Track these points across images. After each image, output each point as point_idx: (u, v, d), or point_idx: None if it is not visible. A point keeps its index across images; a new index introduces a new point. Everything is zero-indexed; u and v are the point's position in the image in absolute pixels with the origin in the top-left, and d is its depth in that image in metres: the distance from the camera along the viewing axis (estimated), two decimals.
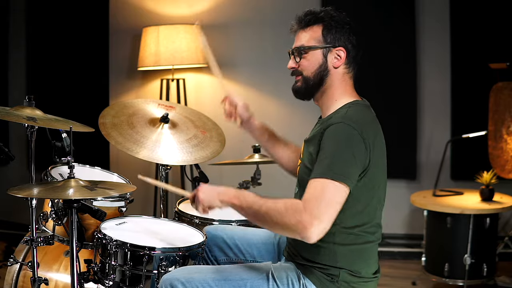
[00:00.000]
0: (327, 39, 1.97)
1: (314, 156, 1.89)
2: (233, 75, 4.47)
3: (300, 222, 1.72)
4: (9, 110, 2.21)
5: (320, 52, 1.98)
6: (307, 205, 1.73)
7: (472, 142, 3.88)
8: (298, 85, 2.03)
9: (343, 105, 1.98)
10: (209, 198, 1.93)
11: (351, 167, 1.80)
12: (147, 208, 4.49)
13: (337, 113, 1.96)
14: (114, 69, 4.63)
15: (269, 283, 1.93)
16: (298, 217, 1.72)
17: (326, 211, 1.73)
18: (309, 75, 2.00)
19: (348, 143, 1.82)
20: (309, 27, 1.99)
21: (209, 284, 1.91)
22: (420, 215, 3.79)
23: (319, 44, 1.98)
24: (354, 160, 1.81)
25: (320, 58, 1.98)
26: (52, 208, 2.28)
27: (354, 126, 1.83)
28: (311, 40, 1.99)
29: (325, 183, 1.76)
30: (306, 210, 1.72)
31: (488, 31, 4.05)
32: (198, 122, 2.79)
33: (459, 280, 3.47)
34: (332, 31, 1.98)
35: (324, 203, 1.73)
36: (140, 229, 2.30)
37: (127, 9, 4.57)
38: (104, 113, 2.64)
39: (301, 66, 2.01)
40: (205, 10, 4.46)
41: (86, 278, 2.17)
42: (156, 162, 2.60)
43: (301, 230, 1.72)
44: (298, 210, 1.73)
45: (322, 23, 1.98)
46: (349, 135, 1.83)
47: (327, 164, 1.79)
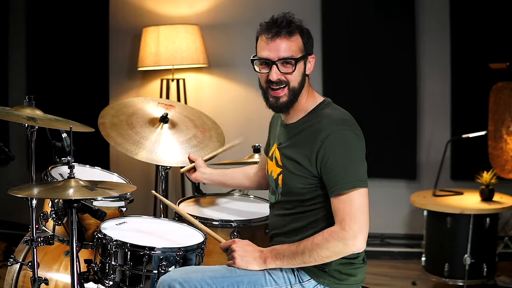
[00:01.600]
0: (306, 47, 1.98)
1: (304, 164, 1.93)
2: (233, 75, 4.47)
3: (346, 243, 1.83)
4: (9, 110, 2.21)
5: (303, 61, 1.98)
6: (344, 225, 1.83)
7: (472, 142, 3.89)
8: (284, 100, 1.98)
9: (315, 108, 2.00)
10: (245, 262, 1.96)
11: (364, 169, 1.90)
12: (147, 208, 4.49)
13: (317, 118, 1.96)
14: (114, 69, 4.63)
15: (266, 277, 1.96)
16: (342, 240, 1.83)
17: (361, 220, 1.83)
18: (296, 86, 1.98)
19: (354, 148, 1.90)
20: (293, 36, 1.96)
21: (207, 283, 1.92)
22: (420, 215, 3.79)
23: (302, 53, 1.97)
24: (362, 161, 1.91)
25: (303, 67, 1.99)
26: (52, 208, 2.28)
27: (351, 129, 1.90)
28: (297, 50, 1.96)
29: (351, 195, 1.84)
30: (346, 229, 1.83)
31: (488, 31, 4.05)
32: (197, 121, 2.79)
33: (459, 280, 3.48)
34: (308, 39, 2.00)
35: (358, 214, 1.83)
36: (140, 229, 2.30)
37: (127, 9, 4.57)
38: (103, 112, 2.64)
39: (289, 77, 1.97)
40: (205, 10, 4.46)
41: (86, 278, 2.17)
42: (156, 163, 2.60)
43: (350, 249, 1.85)
44: (339, 235, 1.83)
45: (301, 32, 1.98)
46: (351, 140, 1.89)
47: (346, 175, 1.86)
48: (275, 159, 2.07)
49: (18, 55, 4.77)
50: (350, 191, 1.84)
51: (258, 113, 4.48)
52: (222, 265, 2.04)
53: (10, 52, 4.79)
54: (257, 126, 4.46)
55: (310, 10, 4.17)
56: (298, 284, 1.97)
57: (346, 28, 4.22)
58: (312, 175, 1.93)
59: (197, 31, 4.22)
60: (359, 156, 1.90)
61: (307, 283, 1.98)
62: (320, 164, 1.90)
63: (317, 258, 1.87)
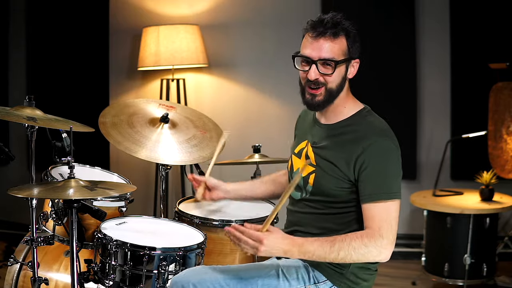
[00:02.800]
0: (351, 51, 1.96)
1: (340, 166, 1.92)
2: (233, 75, 4.47)
3: (380, 251, 1.84)
4: (9, 110, 2.21)
5: (345, 64, 1.96)
6: (382, 232, 1.84)
7: (472, 142, 3.89)
8: (320, 99, 1.97)
9: (358, 113, 2.01)
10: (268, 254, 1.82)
11: (399, 181, 1.93)
12: (147, 208, 4.49)
13: (357, 124, 1.97)
14: (114, 69, 4.63)
15: (280, 278, 1.95)
16: (379, 247, 1.84)
17: (393, 230, 1.86)
18: (333, 87, 1.96)
19: (394, 159, 1.93)
20: (338, 38, 1.93)
21: (221, 284, 1.91)
22: (420, 215, 3.79)
23: (345, 56, 1.95)
24: (400, 173, 1.94)
25: (344, 70, 1.97)
26: (52, 208, 2.28)
27: (392, 140, 1.93)
28: (339, 52, 1.94)
29: (387, 205, 1.87)
30: (383, 236, 1.84)
31: (488, 31, 4.05)
32: (198, 122, 2.79)
33: (459, 280, 3.48)
34: (354, 43, 1.96)
35: (393, 224, 1.86)
36: (140, 229, 2.30)
37: (127, 9, 4.57)
38: (104, 112, 2.64)
39: (327, 78, 1.95)
40: (205, 10, 4.46)
41: (86, 278, 2.17)
42: (155, 161, 2.60)
43: (381, 257, 1.86)
44: (376, 242, 1.84)
45: (347, 34, 1.95)
46: (392, 151, 1.92)
47: (384, 185, 1.88)
48: (305, 157, 2.04)
49: (18, 55, 4.76)
50: (389, 200, 1.87)
51: (258, 113, 4.48)
52: (234, 265, 2.03)
53: (10, 52, 4.79)
54: (257, 126, 4.47)
55: (310, 10, 4.17)
56: (313, 285, 1.97)
57: None
58: (347, 179, 1.92)
59: (197, 31, 4.22)
60: (398, 168, 1.93)
61: (322, 284, 1.97)
62: (358, 170, 1.90)
63: (346, 259, 1.85)
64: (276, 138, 4.36)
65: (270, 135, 4.38)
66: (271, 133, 4.39)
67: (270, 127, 4.41)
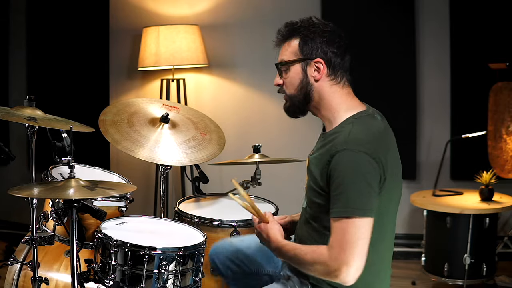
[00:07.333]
0: (303, 51, 1.86)
1: (318, 178, 1.81)
2: (233, 75, 4.48)
3: (329, 272, 1.69)
4: (10, 110, 2.22)
5: (299, 66, 1.87)
6: (331, 253, 1.69)
7: (472, 142, 3.89)
8: (286, 105, 1.97)
9: (346, 119, 1.85)
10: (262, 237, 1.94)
11: (368, 197, 1.71)
12: (147, 208, 4.49)
13: (340, 132, 1.82)
14: (114, 69, 4.63)
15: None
16: (326, 267, 1.69)
17: (352, 252, 1.66)
18: (292, 93, 1.91)
19: (359, 172, 1.71)
20: (288, 40, 1.89)
21: None
22: (420, 215, 3.79)
23: (297, 57, 1.87)
24: (370, 188, 1.71)
25: (300, 73, 1.87)
26: (53, 208, 2.29)
27: (361, 150, 1.72)
28: (290, 54, 1.88)
29: (346, 223, 1.67)
30: (331, 258, 1.68)
31: (488, 31, 4.05)
32: (200, 124, 2.79)
33: (459, 280, 3.48)
34: (308, 42, 1.85)
35: (348, 245, 1.66)
36: (141, 229, 2.31)
37: (127, 9, 4.58)
38: (105, 110, 2.64)
39: (285, 83, 1.92)
40: (205, 10, 4.46)
41: (86, 278, 2.17)
42: (151, 161, 2.58)
43: (333, 278, 1.69)
44: (323, 261, 1.70)
45: (299, 35, 1.87)
46: (358, 163, 1.71)
47: (344, 200, 1.69)
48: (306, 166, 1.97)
49: (19, 55, 4.77)
50: (348, 219, 1.67)
51: (258, 113, 4.48)
52: None
53: (11, 52, 4.80)
54: (257, 126, 4.47)
55: (310, 10, 4.17)
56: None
57: (346, 28, 4.22)
58: (325, 192, 1.80)
59: (197, 31, 4.23)
60: (365, 181, 1.70)
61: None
62: (329, 182, 1.77)
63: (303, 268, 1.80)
64: (276, 138, 4.37)
65: (270, 135, 4.38)
66: (271, 133, 4.39)
67: (270, 127, 4.42)
